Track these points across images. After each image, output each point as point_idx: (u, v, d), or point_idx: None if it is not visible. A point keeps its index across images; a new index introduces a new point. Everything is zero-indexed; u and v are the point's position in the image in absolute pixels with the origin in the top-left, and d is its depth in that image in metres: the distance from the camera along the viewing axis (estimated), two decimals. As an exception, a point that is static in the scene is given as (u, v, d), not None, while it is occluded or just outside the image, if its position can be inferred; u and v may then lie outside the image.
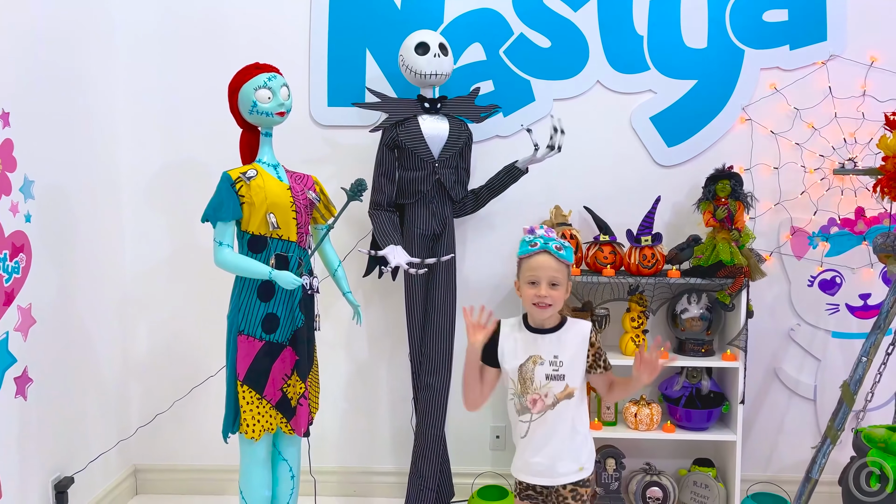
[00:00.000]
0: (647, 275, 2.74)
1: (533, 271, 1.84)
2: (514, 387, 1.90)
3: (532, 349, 1.88)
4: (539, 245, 1.85)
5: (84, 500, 2.77)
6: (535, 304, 1.85)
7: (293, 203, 2.27)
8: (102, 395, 2.92)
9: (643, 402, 2.82)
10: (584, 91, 2.99)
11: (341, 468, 3.17)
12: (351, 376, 3.16)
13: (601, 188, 3.01)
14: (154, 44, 3.01)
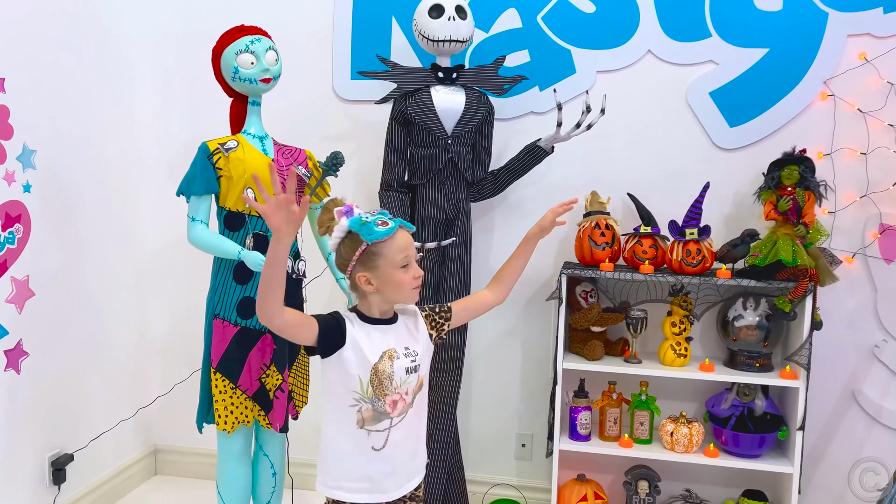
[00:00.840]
0: (692, 273, 2.36)
1: (404, 252, 1.56)
2: (360, 390, 1.54)
3: (384, 344, 1.57)
4: (393, 224, 1.55)
5: (91, 478, 2.73)
6: (416, 288, 1.58)
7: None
8: (113, 373, 2.86)
9: (682, 419, 2.45)
10: (633, 62, 2.63)
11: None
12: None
13: (650, 173, 2.65)
14: (176, 8, 2.90)
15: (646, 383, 2.53)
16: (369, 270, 1.55)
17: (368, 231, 1.53)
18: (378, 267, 1.55)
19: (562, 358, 2.45)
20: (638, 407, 2.51)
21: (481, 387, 2.86)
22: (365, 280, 1.56)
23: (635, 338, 2.50)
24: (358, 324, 1.58)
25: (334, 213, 1.56)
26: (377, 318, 1.61)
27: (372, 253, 1.54)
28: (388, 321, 1.62)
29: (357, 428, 1.56)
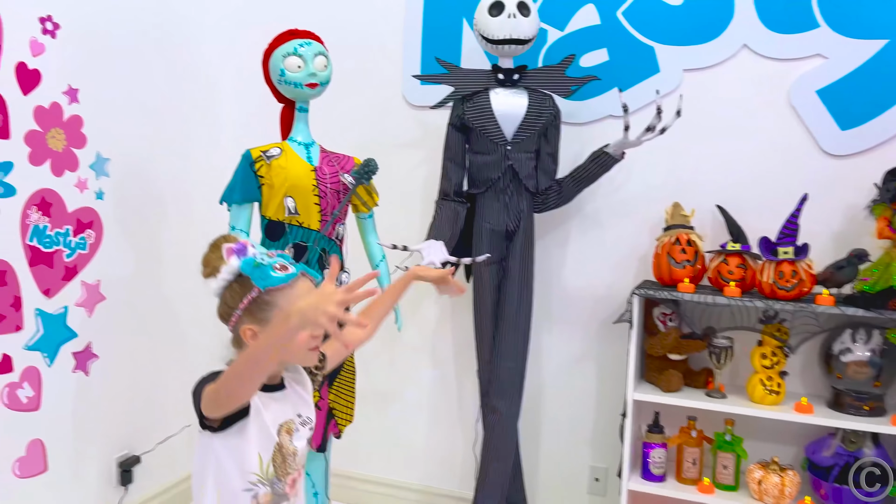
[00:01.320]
0: (785, 298, 2.05)
1: None
2: (260, 471, 1.31)
3: (281, 414, 1.35)
4: (294, 269, 1.31)
5: (159, 481, 2.77)
6: (314, 349, 1.33)
7: (316, 187, 2.00)
8: (185, 378, 2.89)
9: (774, 466, 2.13)
10: (726, 58, 2.35)
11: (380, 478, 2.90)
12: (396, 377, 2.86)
13: (746, 183, 2.35)
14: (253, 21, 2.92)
15: (731, 421, 2.23)
16: (258, 323, 1.29)
17: (263, 275, 1.28)
18: (269, 320, 1.28)
19: (633, 387, 2.21)
20: (721, 448, 2.21)
21: (552, 415, 2.65)
22: (251, 334, 1.30)
23: (720, 369, 2.21)
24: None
25: (223, 252, 1.32)
26: (266, 383, 1.33)
27: (264, 302, 1.28)
28: (278, 387, 1.37)
29: None
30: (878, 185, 2.04)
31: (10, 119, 2.12)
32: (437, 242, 2.16)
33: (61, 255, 2.31)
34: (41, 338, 2.26)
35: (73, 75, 2.31)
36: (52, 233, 2.27)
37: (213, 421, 1.26)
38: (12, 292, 2.16)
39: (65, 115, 2.29)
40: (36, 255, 2.23)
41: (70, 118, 2.31)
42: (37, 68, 2.19)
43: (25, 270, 2.20)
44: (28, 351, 2.22)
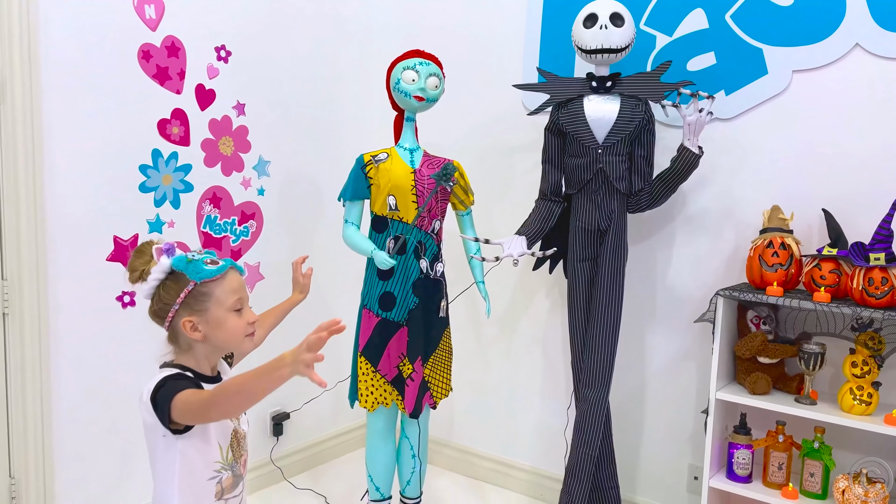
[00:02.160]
0: (874, 306, 1.99)
1: (237, 294, 1.43)
2: (221, 459, 1.43)
3: None
4: (223, 263, 1.42)
5: (305, 436, 3.24)
6: (249, 335, 1.47)
7: (414, 187, 2.29)
8: (333, 349, 3.34)
9: (863, 478, 2.07)
10: (837, 58, 2.28)
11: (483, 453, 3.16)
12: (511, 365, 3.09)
13: (857, 188, 2.28)
14: (398, 42, 3.28)
15: (821, 429, 2.18)
16: (196, 314, 1.39)
17: (196, 269, 1.38)
18: (207, 310, 1.39)
19: (716, 386, 2.25)
20: (809, 455, 2.18)
21: (654, 411, 2.72)
22: (191, 326, 1.39)
23: (810, 375, 2.18)
24: (203, 385, 1.42)
25: (152, 253, 1.41)
26: (209, 375, 1.46)
27: (200, 294, 1.39)
28: (217, 378, 1.49)
29: (215, 500, 1.45)
30: (984, 190, 1.91)
31: (190, 130, 2.64)
32: (519, 237, 2.36)
33: (228, 240, 2.82)
34: (211, 307, 2.78)
35: (241, 93, 2.80)
36: (221, 222, 2.78)
37: (177, 425, 1.35)
38: (189, 269, 2.69)
39: (233, 126, 2.79)
40: (208, 239, 2.75)
41: (238, 128, 2.81)
42: (212, 88, 2.70)
43: (199, 252, 2.72)
44: (200, 317, 2.75)
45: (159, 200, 2.58)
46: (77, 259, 2.36)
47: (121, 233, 2.47)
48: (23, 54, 2.16)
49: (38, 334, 2.26)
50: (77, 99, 2.31)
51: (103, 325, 2.44)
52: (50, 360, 2.31)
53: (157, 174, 2.56)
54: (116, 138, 2.42)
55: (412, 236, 2.30)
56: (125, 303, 2.50)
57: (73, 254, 2.35)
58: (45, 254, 2.28)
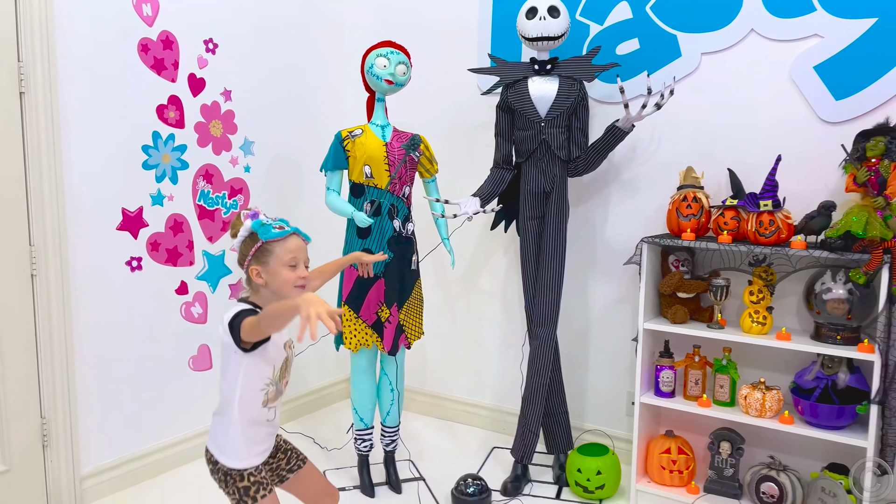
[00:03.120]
0: (766, 244, 2.45)
1: (293, 253, 1.80)
2: (272, 376, 1.83)
3: (284, 335, 1.87)
4: (288, 228, 1.82)
5: (294, 388, 3.62)
6: (299, 286, 1.81)
7: (386, 157, 2.68)
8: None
9: (761, 385, 2.53)
10: (737, 42, 2.73)
11: (451, 396, 3.57)
12: (473, 317, 3.48)
13: (753, 149, 2.73)
14: (369, 37, 3.66)
15: (728, 349, 2.65)
16: (261, 265, 1.79)
17: (265, 231, 1.79)
18: (268, 262, 1.78)
19: (643, 318, 2.69)
20: (719, 370, 2.64)
21: (597, 347, 3.17)
22: (256, 273, 1.79)
23: (718, 305, 2.64)
24: None
25: (241, 216, 1.84)
26: None
27: (266, 250, 1.78)
28: None
29: (262, 407, 1.83)
30: (844, 146, 2.38)
31: (184, 114, 2.99)
32: (473, 198, 2.78)
33: (220, 212, 3.18)
34: (206, 272, 3.14)
35: (228, 80, 3.16)
36: (213, 196, 3.14)
37: (246, 344, 1.73)
38: (187, 237, 3.05)
39: (222, 110, 3.15)
40: (202, 211, 3.10)
41: (226, 112, 3.17)
42: (203, 77, 3.05)
43: (195, 222, 3.08)
44: (198, 280, 3.11)
45: (160, 177, 2.92)
46: (92, 228, 2.70)
47: (128, 205, 2.82)
48: (42, 51, 2.49)
49: (61, 293, 2.60)
50: (88, 89, 2.65)
51: (115, 286, 2.79)
52: (72, 314, 2.65)
53: (157, 153, 2.90)
54: (122, 122, 2.76)
55: (386, 200, 2.69)
56: (133, 267, 2.85)
57: (88, 224, 2.69)
58: (65, 223, 2.61)
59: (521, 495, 2.83)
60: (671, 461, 2.71)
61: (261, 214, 1.85)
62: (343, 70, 3.75)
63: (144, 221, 2.87)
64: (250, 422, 1.83)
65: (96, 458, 2.77)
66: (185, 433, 3.09)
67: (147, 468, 2.93)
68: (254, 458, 1.86)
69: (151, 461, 2.95)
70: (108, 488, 2.80)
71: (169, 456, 3.01)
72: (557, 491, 2.87)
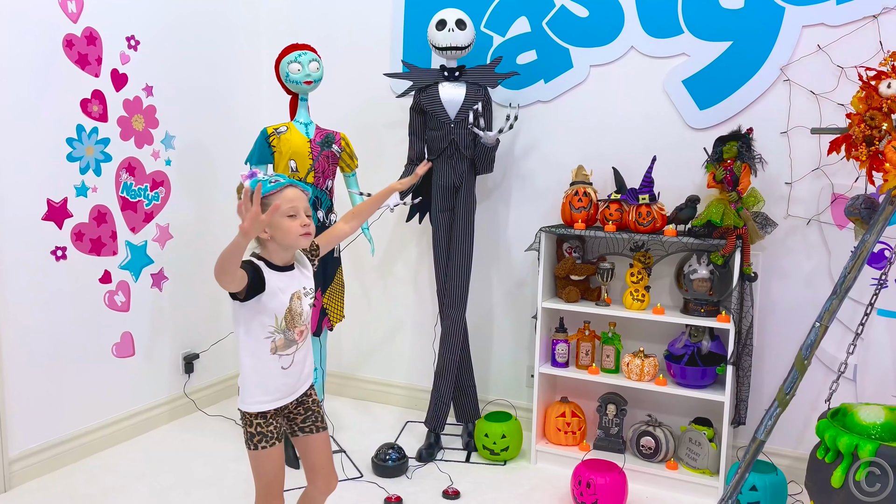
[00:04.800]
0: (644, 232, 2.86)
1: (291, 202, 1.85)
2: (275, 325, 1.89)
3: (293, 286, 1.91)
4: (284, 181, 1.88)
5: (213, 374, 3.76)
6: (304, 234, 1.87)
7: (310, 153, 2.91)
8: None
9: (640, 354, 2.95)
10: (619, 56, 3.14)
11: (366, 377, 3.84)
12: (388, 302, 3.76)
13: (634, 150, 3.14)
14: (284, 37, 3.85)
15: (613, 323, 3.05)
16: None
17: (263, 186, 1.83)
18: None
19: (540, 299, 3.05)
20: (605, 342, 3.04)
21: (500, 327, 3.51)
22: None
23: (605, 285, 3.03)
24: (270, 271, 1.86)
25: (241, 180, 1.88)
26: (280, 265, 1.89)
27: (265, 204, 1.78)
28: (289, 268, 1.91)
29: (270, 354, 1.89)
30: (706, 149, 2.82)
31: (107, 108, 3.09)
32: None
33: (142, 204, 3.29)
34: (129, 261, 3.25)
35: (150, 76, 3.27)
36: (135, 188, 3.25)
37: (239, 294, 1.81)
38: (110, 228, 3.15)
39: (143, 105, 3.26)
40: (125, 203, 3.21)
41: (147, 107, 3.28)
42: (125, 72, 3.16)
43: (119, 213, 3.18)
44: (121, 269, 3.21)
45: (84, 169, 3.01)
46: (17, 219, 2.77)
47: (53, 196, 2.90)
48: (-29, 43, 2.55)
49: (-11, 282, 2.67)
50: (13, 82, 2.72)
51: (40, 275, 2.86)
52: None
53: (81, 146, 2.99)
54: (47, 115, 2.84)
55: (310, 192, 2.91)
56: (58, 256, 2.93)
57: (14, 215, 2.76)
58: (-8, 213, 2.68)
59: (434, 461, 3.13)
60: (566, 423, 3.09)
61: (259, 174, 1.86)
62: (259, 65, 3.92)
63: (69, 212, 2.96)
64: (260, 368, 1.89)
65: (23, 443, 2.84)
66: (110, 417, 3.19)
67: (73, 451, 3.02)
68: (264, 404, 1.91)
69: (77, 444, 3.04)
70: (36, 471, 2.87)
71: (94, 440, 3.11)
72: (467, 455, 3.19)
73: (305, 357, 1.99)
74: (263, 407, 1.92)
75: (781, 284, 2.93)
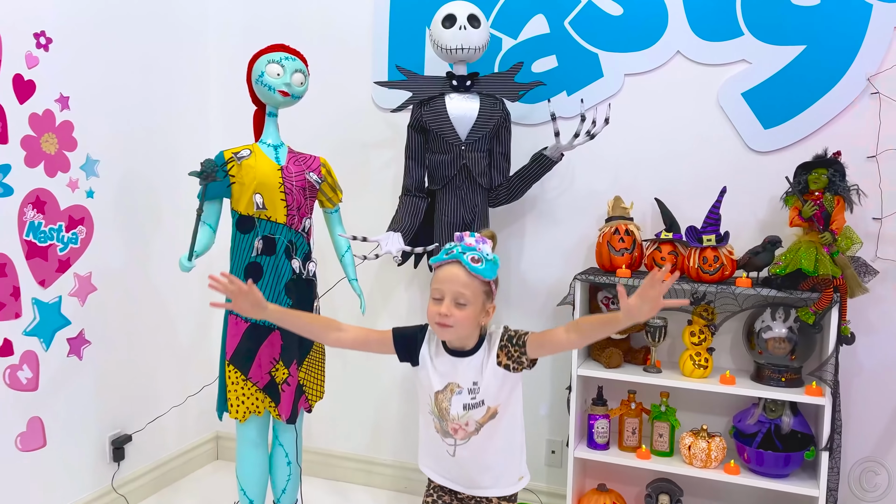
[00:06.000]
0: (709, 281, 2.28)
1: (438, 284, 1.59)
2: (430, 404, 1.68)
3: (451, 375, 1.65)
4: (454, 253, 1.59)
5: (150, 458, 2.99)
6: (438, 324, 1.59)
7: (282, 184, 2.22)
8: (174, 362, 3.12)
9: (703, 433, 2.36)
10: (662, 63, 2.57)
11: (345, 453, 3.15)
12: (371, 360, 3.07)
13: (681, 178, 2.57)
14: (236, 31, 3.14)
15: (666, 394, 2.45)
16: None
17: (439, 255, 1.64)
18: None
19: (577, 364, 2.43)
20: (657, 418, 2.44)
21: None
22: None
23: (655, 346, 2.44)
24: (434, 347, 1.67)
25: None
26: (450, 348, 1.65)
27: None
28: (463, 353, 1.65)
29: (431, 428, 1.70)
30: (788, 178, 2.27)
31: (8, 126, 2.33)
32: (395, 234, 2.39)
33: (55, 249, 2.53)
34: (38, 324, 2.48)
35: (65, 84, 2.53)
36: (46, 229, 2.49)
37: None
38: (11, 283, 2.38)
39: (57, 121, 2.51)
40: (32, 249, 2.44)
41: (62, 123, 2.53)
42: (31, 79, 2.40)
43: (23, 263, 2.41)
44: (26, 336, 2.44)
45: (-27, 206, 2.25)
46: None
47: (-73, 245, 2.13)
48: None
49: None
50: None
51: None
52: None
53: (-31, 176, 2.23)
54: (-81, 134, 2.08)
55: (282, 236, 2.23)
56: (-65, 326, 2.15)
57: None
58: None
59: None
60: (607, 520, 2.47)
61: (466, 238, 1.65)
62: (206, 74, 3.19)
63: (-49, 265, 2.19)
64: (428, 438, 1.75)
65: None
66: (12, 534, 2.40)
67: (-42, 590, 2.22)
68: (431, 470, 1.78)
69: (-36, 580, 2.24)
70: None
71: (-11, 568, 2.32)
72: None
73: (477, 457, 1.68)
74: (429, 472, 1.79)
75: (870, 342, 2.39)
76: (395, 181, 2.92)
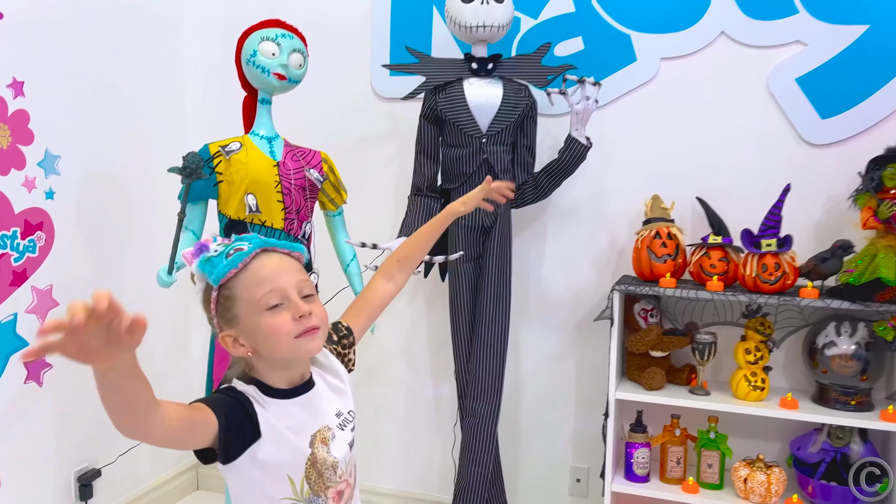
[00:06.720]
0: (769, 292, 2.00)
1: (265, 285, 1.07)
2: (295, 496, 1.13)
3: (313, 422, 1.15)
4: (250, 246, 1.09)
5: (123, 493, 2.64)
6: (306, 333, 1.09)
7: (279, 183, 1.89)
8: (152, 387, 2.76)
9: (759, 463, 2.07)
10: (704, 46, 2.28)
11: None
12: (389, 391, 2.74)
13: (725, 174, 2.29)
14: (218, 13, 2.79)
15: (715, 419, 2.17)
16: (230, 325, 1.09)
17: (212, 268, 1.08)
18: (237, 317, 1.08)
19: (615, 386, 2.14)
20: (705, 446, 2.15)
21: (532, 415, 2.58)
22: (232, 341, 1.10)
23: (702, 365, 2.15)
24: (269, 402, 1.11)
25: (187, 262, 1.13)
26: (285, 388, 1.14)
27: (225, 298, 1.09)
28: (303, 389, 1.16)
29: None
30: (861, 174, 1.99)
31: (-52, 115, 1.97)
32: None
33: (8, 259, 2.17)
34: (-12, 348, 2.12)
35: (19, 68, 2.17)
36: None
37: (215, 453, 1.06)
38: (-45, 300, 2.02)
39: (9, 110, 2.15)
40: (-19, 259, 2.09)
41: (15, 113, 2.17)
42: (-23, 60, 2.05)
43: (-31, 277, 2.05)
44: (-26, 363, 2.08)
45: None
46: None
47: None
48: None
49: None
50: None
51: None
52: None
53: None
54: None
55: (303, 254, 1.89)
56: None
57: None
58: None
59: None
60: (648, 561, 2.18)
61: (210, 245, 1.10)
62: (181, 57, 2.83)
63: None
64: None
65: None
66: None
67: None
68: None
69: None
70: None
71: None
72: None
73: None
74: None
75: (940, 358, 2.13)
76: (395, 181, 2.60)
